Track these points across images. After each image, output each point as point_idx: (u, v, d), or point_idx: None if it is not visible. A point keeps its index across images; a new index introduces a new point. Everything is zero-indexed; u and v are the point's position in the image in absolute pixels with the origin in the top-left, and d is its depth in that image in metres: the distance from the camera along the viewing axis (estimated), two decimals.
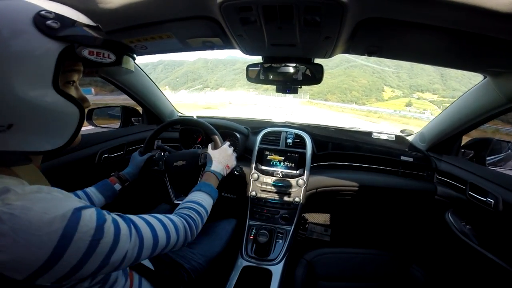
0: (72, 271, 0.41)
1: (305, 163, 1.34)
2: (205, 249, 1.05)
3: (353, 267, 1.11)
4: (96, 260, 0.44)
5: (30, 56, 0.40)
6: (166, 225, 0.62)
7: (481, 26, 0.58)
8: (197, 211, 0.77)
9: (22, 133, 0.42)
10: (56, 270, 0.40)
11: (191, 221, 0.72)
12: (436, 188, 1.31)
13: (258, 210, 1.35)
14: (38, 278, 0.39)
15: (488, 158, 1.22)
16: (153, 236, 0.56)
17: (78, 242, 0.41)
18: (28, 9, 0.41)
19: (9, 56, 0.38)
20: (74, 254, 0.41)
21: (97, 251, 0.43)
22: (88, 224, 0.43)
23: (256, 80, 1.09)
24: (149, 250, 0.55)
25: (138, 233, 0.53)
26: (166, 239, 0.60)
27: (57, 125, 0.46)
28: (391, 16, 0.62)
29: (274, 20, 0.65)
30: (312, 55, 0.98)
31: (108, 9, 0.67)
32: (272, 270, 1.08)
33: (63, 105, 0.45)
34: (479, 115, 1.06)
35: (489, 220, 1.06)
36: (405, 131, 1.63)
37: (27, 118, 0.42)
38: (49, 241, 0.39)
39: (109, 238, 0.46)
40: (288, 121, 1.73)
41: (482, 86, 1.00)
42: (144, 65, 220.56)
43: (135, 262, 0.53)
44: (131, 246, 0.50)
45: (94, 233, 0.43)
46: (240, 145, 1.45)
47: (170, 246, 0.62)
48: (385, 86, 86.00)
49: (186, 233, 0.68)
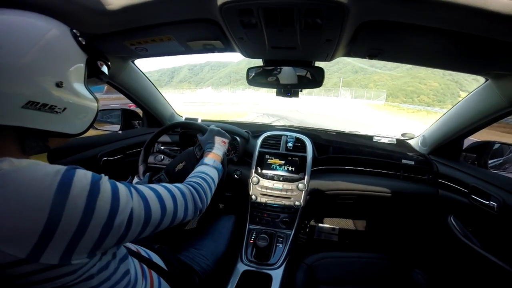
0: (76, 237, 0.40)
1: (305, 167, 1.33)
2: (211, 250, 1.05)
3: (354, 271, 1.09)
4: (99, 221, 0.42)
5: (74, 57, 0.53)
6: (170, 189, 0.62)
7: (483, 28, 0.58)
8: (202, 177, 0.77)
9: (67, 117, 0.51)
10: (59, 237, 0.38)
11: (197, 186, 0.72)
12: (437, 191, 1.30)
13: (258, 214, 1.34)
14: (43, 253, 0.37)
15: (490, 161, 1.21)
16: (157, 197, 0.55)
17: (76, 198, 0.40)
18: (64, 26, 0.53)
19: (67, 54, 0.51)
20: (73, 213, 0.39)
21: (97, 210, 0.42)
22: (83, 180, 0.42)
23: (256, 83, 1.08)
24: (158, 214, 0.54)
25: (139, 193, 0.52)
26: (172, 202, 0.59)
27: (83, 114, 0.56)
28: (393, 19, 0.62)
29: (275, 22, 0.65)
30: (313, 58, 0.98)
31: (109, 11, 0.67)
32: (272, 274, 1.07)
33: (89, 99, 0.57)
34: (480, 118, 1.06)
35: (491, 223, 1.05)
36: (406, 135, 1.62)
37: (72, 106, 0.52)
38: (44, 198, 0.38)
39: (107, 194, 0.44)
40: (289, 125, 1.73)
41: (483, 89, 0.99)
42: (192, 65, 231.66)
43: (147, 230, 0.52)
44: (136, 206, 0.49)
45: (90, 188, 0.42)
46: (241, 148, 1.44)
47: (180, 211, 0.61)
48: (461, 91, 74.49)
49: (195, 199, 0.68)
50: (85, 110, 0.56)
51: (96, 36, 0.86)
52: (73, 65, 0.52)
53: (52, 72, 0.47)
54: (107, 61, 0.64)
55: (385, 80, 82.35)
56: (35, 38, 0.45)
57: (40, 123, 0.47)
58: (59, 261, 0.39)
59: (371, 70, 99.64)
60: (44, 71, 0.46)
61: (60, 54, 0.49)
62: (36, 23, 0.47)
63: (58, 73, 0.48)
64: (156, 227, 0.55)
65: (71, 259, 0.41)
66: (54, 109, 0.48)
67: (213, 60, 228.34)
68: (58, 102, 0.48)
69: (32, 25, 0.46)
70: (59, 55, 0.49)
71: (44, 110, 0.46)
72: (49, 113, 0.47)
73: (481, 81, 0.98)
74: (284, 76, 1.04)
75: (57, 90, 0.48)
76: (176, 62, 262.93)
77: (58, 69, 0.48)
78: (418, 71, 77.73)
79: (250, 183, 1.36)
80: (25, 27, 0.45)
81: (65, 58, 0.50)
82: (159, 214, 0.54)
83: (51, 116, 0.48)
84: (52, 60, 0.47)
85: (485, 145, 1.26)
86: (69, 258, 0.40)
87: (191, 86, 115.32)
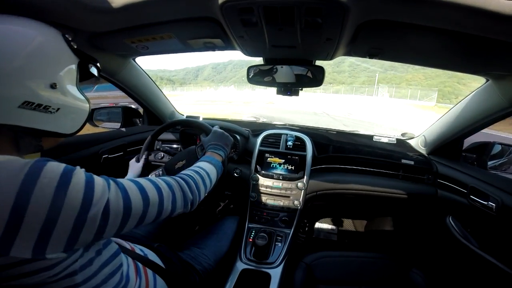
0: (46, 229, 0.39)
1: (305, 166, 1.34)
2: (214, 250, 1.05)
3: (353, 270, 1.10)
4: (71, 213, 0.41)
5: (67, 60, 0.55)
6: (155, 181, 0.60)
7: (484, 28, 0.58)
8: (195, 171, 0.76)
9: (60, 117, 0.53)
10: (27, 227, 0.38)
11: (188, 178, 0.71)
12: (436, 191, 1.30)
13: (258, 212, 1.34)
14: (12, 245, 0.37)
15: (489, 162, 1.21)
16: (139, 189, 0.54)
17: (43, 188, 0.40)
18: (56, 31, 0.55)
19: (60, 57, 0.53)
20: (41, 202, 0.39)
21: (68, 200, 0.41)
22: (54, 170, 0.42)
23: (256, 82, 1.08)
24: (140, 205, 0.52)
25: (118, 185, 0.51)
26: (157, 193, 0.57)
27: (75, 115, 0.58)
28: (393, 18, 0.62)
29: (275, 21, 0.65)
30: (313, 57, 0.98)
31: (110, 9, 0.68)
32: (271, 273, 1.07)
33: (81, 100, 0.59)
34: (481, 119, 1.06)
35: (490, 224, 1.05)
36: (406, 134, 1.62)
37: (65, 106, 0.54)
38: (10, 187, 0.38)
39: (80, 185, 0.43)
40: (289, 123, 1.73)
41: (484, 89, 0.99)
42: (215, 64, 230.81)
43: (130, 223, 0.51)
44: (113, 197, 0.47)
45: (60, 179, 0.42)
46: (240, 147, 1.44)
47: (167, 202, 0.60)
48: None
49: (183, 190, 0.66)
50: (77, 111, 0.58)
51: (97, 34, 0.86)
52: (66, 67, 0.55)
53: (45, 74, 0.50)
54: (97, 63, 0.66)
55: (418, 80, 78.85)
56: (24, 43, 0.47)
57: (36, 123, 0.50)
58: (32, 254, 0.39)
59: (402, 69, 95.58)
60: (38, 73, 0.49)
61: (53, 57, 0.52)
62: (26, 30, 0.50)
63: (52, 75, 0.51)
64: (141, 220, 0.53)
65: (45, 253, 0.40)
66: (49, 109, 0.51)
67: (236, 59, 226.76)
68: (52, 103, 0.51)
69: (22, 32, 0.49)
70: (51, 58, 0.52)
71: (39, 110, 0.49)
72: (44, 113, 0.50)
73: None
74: (284, 74, 1.04)
75: (51, 91, 0.50)
76: (200, 61, 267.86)
77: (51, 72, 0.51)
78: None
79: (250, 182, 1.37)
80: (16, 33, 0.48)
81: (58, 61, 0.53)
82: (141, 205, 0.52)
83: (45, 116, 0.51)
84: (45, 63, 0.50)
85: (484, 145, 1.26)
86: (43, 252, 0.39)
87: (212, 85, 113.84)
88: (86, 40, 0.90)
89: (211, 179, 0.81)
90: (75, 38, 0.83)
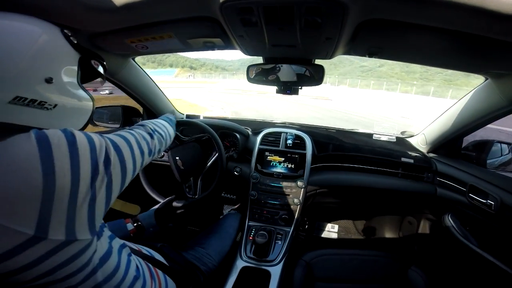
0: (73, 193, 0.40)
1: (305, 164, 1.34)
2: (218, 249, 1.06)
3: (352, 268, 1.11)
4: (85, 168, 0.43)
5: (65, 56, 0.53)
6: (130, 132, 0.63)
7: (483, 27, 0.58)
8: (151, 122, 0.80)
9: (59, 114, 0.51)
10: (59, 195, 0.38)
11: (147, 125, 0.74)
12: (436, 190, 1.31)
13: (258, 211, 1.35)
14: (49, 223, 0.38)
15: (488, 161, 1.22)
16: (123, 139, 0.57)
17: (59, 147, 0.41)
18: (53, 25, 0.52)
19: (57, 52, 0.51)
20: (63, 164, 0.40)
21: (81, 155, 0.43)
22: (55, 131, 0.43)
23: (256, 81, 1.09)
24: (129, 154, 0.55)
25: (106, 137, 0.53)
26: (136, 143, 0.60)
27: (77, 112, 0.56)
28: (393, 18, 0.62)
29: (275, 21, 0.65)
30: (312, 56, 0.98)
31: (110, 9, 0.67)
32: (271, 271, 1.08)
33: (83, 98, 0.57)
34: (480, 117, 1.06)
35: (489, 222, 1.06)
36: (406, 133, 1.63)
37: (64, 103, 0.52)
38: (31, 158, 0.38)
39: (82, 137, 0.45)
40: (288, 122, 1.73)
41: (483, 88, 0.99)
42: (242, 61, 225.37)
43: (127, 173, 0.53)
44: (108, 145, 0.50)
45: (65, 135, 0.43)
46: (240, 145, 1.45)
47: (144, 148, 0.63)
48: None
49: (140, 129, 0.69)
50: (78, 109, 0.56)
51: (97, 34, 0.86)
52: (64, 62, 0.52)
53: (39, 68, 0.47)
54: (102, 60, 0.64)
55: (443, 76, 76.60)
56: (15, 34, 0.45)
57: (30, 120, 0.47)
58: (65, 235, 0.40)
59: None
60: (31, 67, 0.46)
61: (48, 51, 0.49)
62: (20, 24, 0.47)
63: (47, 69, 0.48)
64: (134, 168, 0.56)
65: (75, 230, 0.41)
66: (44, 105, 0.48)
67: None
68: (48, 98, 0.48)
69: (16, 26, 0.47)
70: (46, 52, 0.49)
71: (33, 106, 0.46)
72: (39, 109, 0.47)
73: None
74: (284, 73, 1.04)
75: (46, 86, 0.48)
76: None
77: (46, 65, 0.48)
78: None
79: (250, 180, 1.37)
80: (10, 28, 0.46)
81: (54, 55, 0.50)
82: (129, 153, 0.55)
83: (42, 112, 0.48)
84: (38, 56, 0.47)
85: (484, 144, 1.26)
86: (73, 228, 0.41)
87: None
88: (86, 40, 0.90)
89: (160, 121, 0.84)
90: (75, 37, 0.83)
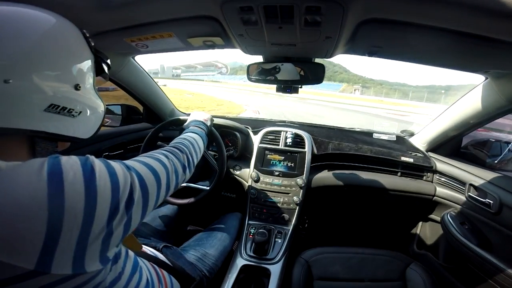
0: (83, 233, 0.35)
1: (304, 163, 1.34)
2: (220, 250, 1.07)
3: (351, 266, 1.11)
4: (104, 206, 0.39)
5: (87, 62, 0.51)
6: (157, 157, 0.59)
7: (483, 26, 0.58)
8: (183, 139, 0.78)
9: (80, 120, 0.50)
10: (65, 236, 0.34)
11: (179, 145, 0.72)
12: (435, 189, 1.31)
13: (258, 209, 1.35)
14: (53, 259, 0.33)
15: (488, 160, 1.22)
16: (149, 169, 0.52)
17: (73, 184, 0.36)
18: (75, 27, 0.50)
19: (80, 55, 0.48)
20: (75, 201, 0.36)
21: (99, 192, 0.38)
22: (72, 163, 0.39)
23: (256, 80, 1.09)
24: (154, 185, 0.51)
25: (131, 168, 0.48)
26: (164, 170, 0.57)
27: (94, 117, 0.54)
28: (392, 17, 0.62)
29: (275, 20, 0.65)
30: (312, 55, 0.98)
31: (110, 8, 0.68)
32: (271, 269, 1.08)
33: (98, 101, 0.55)
34: (479, 116, 1.06)
35: (488, 221, 1.06)
36: (406, 132, 1.63)
37: (87, 109, 0.51)
38: (38, 194, 0.34)
39: (103, 172, 0.40)
40: (289, 120, 1.73)
41: (483, 87, 1.00)
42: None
43: (149, 205, 0.49)
44: (133, 180, 0.46)
45: (83, 169, 0.38)
46: (240, 144, 1.45)
47: (171, 176, 0.60)
48: None
49: (178, 158, 0.66)
50: (96, 113, 0.54)
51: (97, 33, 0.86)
52: (87, 67, 0.50)
53: (71, 74, 0.46)
54: (107, 60, 0.63)
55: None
56: (55, 37, 0.44)
57: (59, 128, 0.46)
58: (72, 270, 0.35)
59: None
60: (65, 72, 0.45)
61: (78, 56, 0.48)
62: (55, 24, 0.45)
63: (77, 76, 0.47)
64: (157, 199, 0.53)
65: (84, 264, 0.37)
66: (72, 113, 0.47)
67: None
68: (75, 106, 0.47)
69: (52, 27, 0.44)
70: (76, 57, 0.48)
71: (63, 113, 0.45)
72: (67, 116, 0.46)
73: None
74: (284, 72, 1.04)
75: (75, 93, 0.47)
76: None
77: (76, 72, 0.47)
78: None
79: (250, 179, 1.37)
80: (47, 28, 0.43)
81: (81, 60, 0.49)
82: (154, 184, 0.51)
83: (68, 119, 0.47)
84: (71, 63, 0.46)
85: (483, 143, 1.27)
86: (82, 263, 0.37)
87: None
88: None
89: (199, 145, 0.82)
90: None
